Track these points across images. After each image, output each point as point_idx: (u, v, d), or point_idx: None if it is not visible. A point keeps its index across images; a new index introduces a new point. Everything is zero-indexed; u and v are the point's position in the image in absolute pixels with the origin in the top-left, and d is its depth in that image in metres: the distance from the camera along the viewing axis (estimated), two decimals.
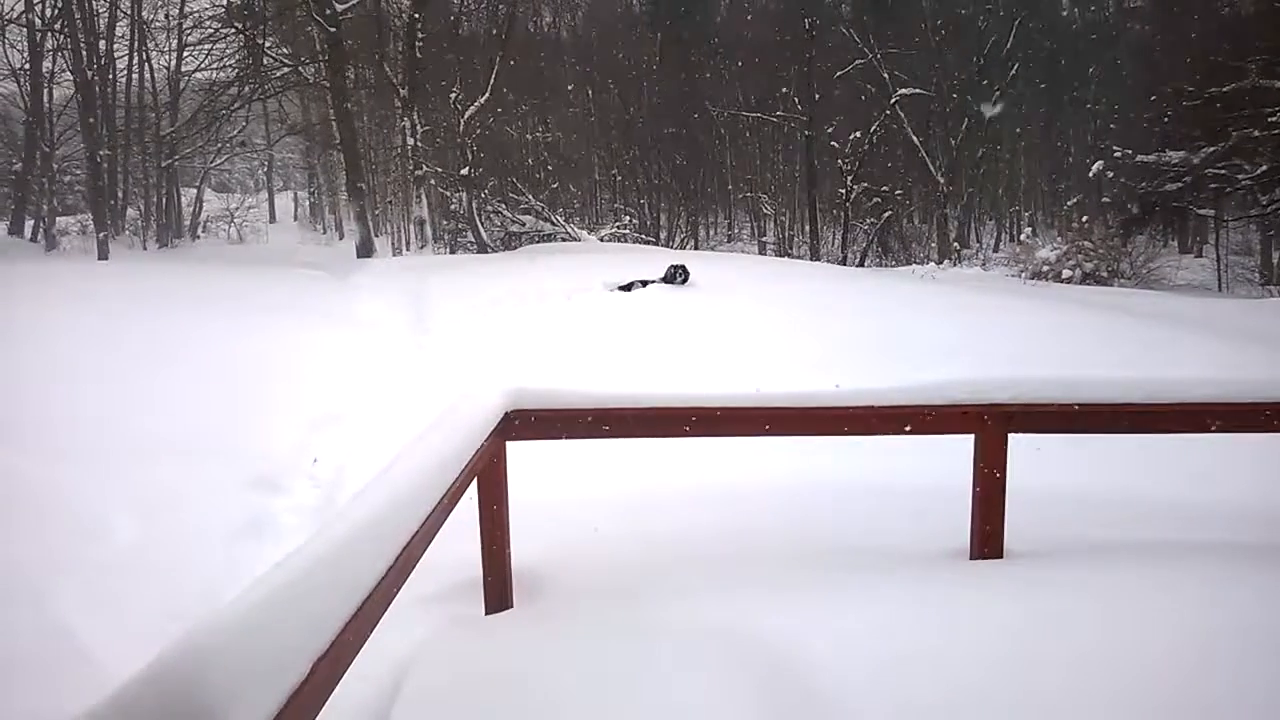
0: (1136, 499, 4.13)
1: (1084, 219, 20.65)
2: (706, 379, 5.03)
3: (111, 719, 1.24)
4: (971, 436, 3.44)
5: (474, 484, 3.28)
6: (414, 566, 2.33)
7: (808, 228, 30.30)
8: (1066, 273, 18.95)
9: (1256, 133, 19.30)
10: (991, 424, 3.40)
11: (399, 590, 2.19)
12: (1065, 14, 33.49)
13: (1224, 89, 19.10)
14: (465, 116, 21.30)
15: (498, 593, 3.45)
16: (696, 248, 29.05)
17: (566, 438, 3.53)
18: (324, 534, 1.91)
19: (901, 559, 3.56)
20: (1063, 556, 3.37)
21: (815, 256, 27.48)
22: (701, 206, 34.63)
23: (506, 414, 3.34)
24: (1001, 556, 3.43)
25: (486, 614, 3.44)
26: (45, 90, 25.56)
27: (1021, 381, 3.45)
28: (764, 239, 33.44)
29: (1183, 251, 28.34)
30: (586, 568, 3.68)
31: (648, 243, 24.56)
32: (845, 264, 24.71)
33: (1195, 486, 4.28)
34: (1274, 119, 19.20)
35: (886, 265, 26.54)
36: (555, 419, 3.41)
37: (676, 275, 9.45)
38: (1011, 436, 3.42)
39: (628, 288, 9.27)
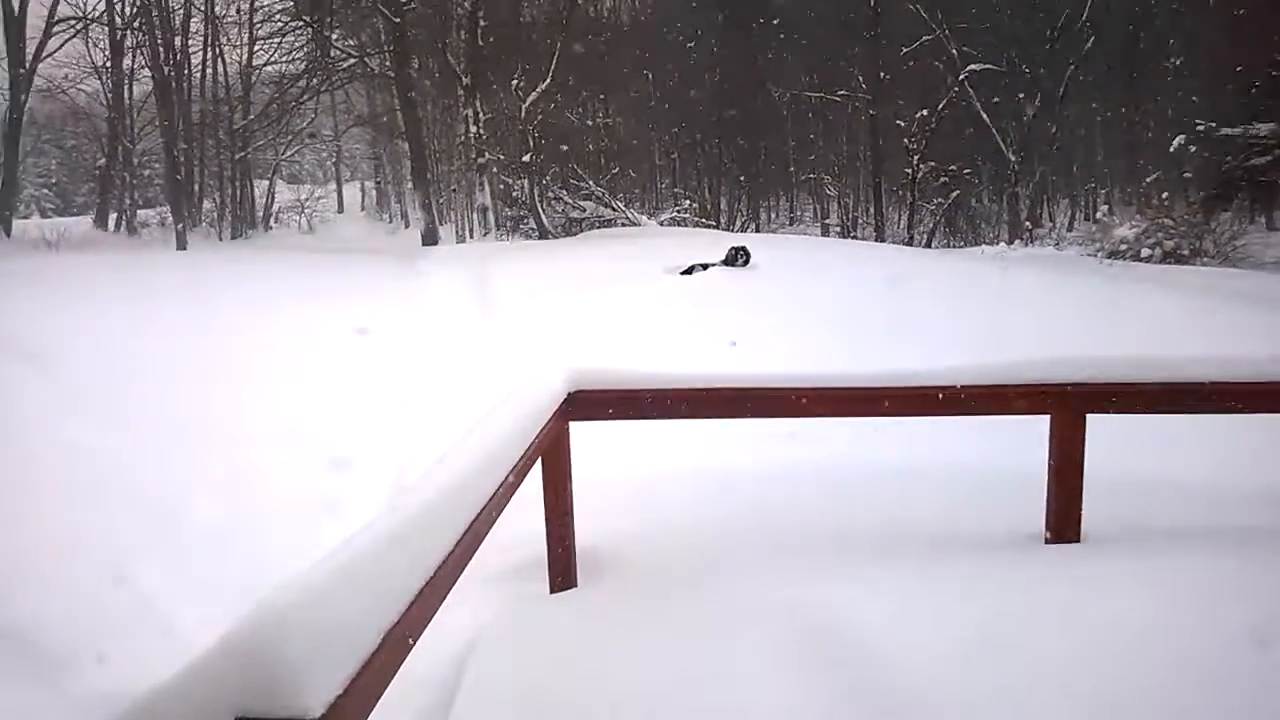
0: (1213, 485, 3.98)
1: (1164, 195, 19.91)
2: (770, 361, 4.96)
3: (190, 686, 1.28)
4: (1046, 418, 3.35)
5: (538, 464, 3.31)
6: (480, 543, 2.35)
7: (872, 209, 29.79)
8: (1146, 251, 18.30)
9: None
10: (1068, 404, 3.30)
11: (466, 566, 2.21)
12: None
13: None
14: (526, 104, 21.40)
15: (562, 571, 3.47)
16: (758, 231, 28.80)
17: (627, 418, 3.53)
18: (394, 510, 1.93)
19: (974, 543, 3.49)
20: (1141, 542, 3.27)
21: (880, 238, 27.01)
22: (762, 189, 34.29)
23: (569, 395, 3.35)
24: (1079, 541, 3.34)
25: (551, 592, 3.46)
26: (126, 87, 26.45)
27: (1099, 361, 3.35)
28: (827, 221, 33.01)
29: (1270, 229, 27.13)
30: (651, 546, 3.69)
31: (708, 227, 24.42)
32: (911, 245, 24.23)
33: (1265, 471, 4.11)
34: None
35: (954, 246, 26.00)
36: (616, 399, 3.42)
37: (738, 257, 9.37)
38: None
39: (688, 271, 9.23)
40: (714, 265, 9.36)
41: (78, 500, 4.51)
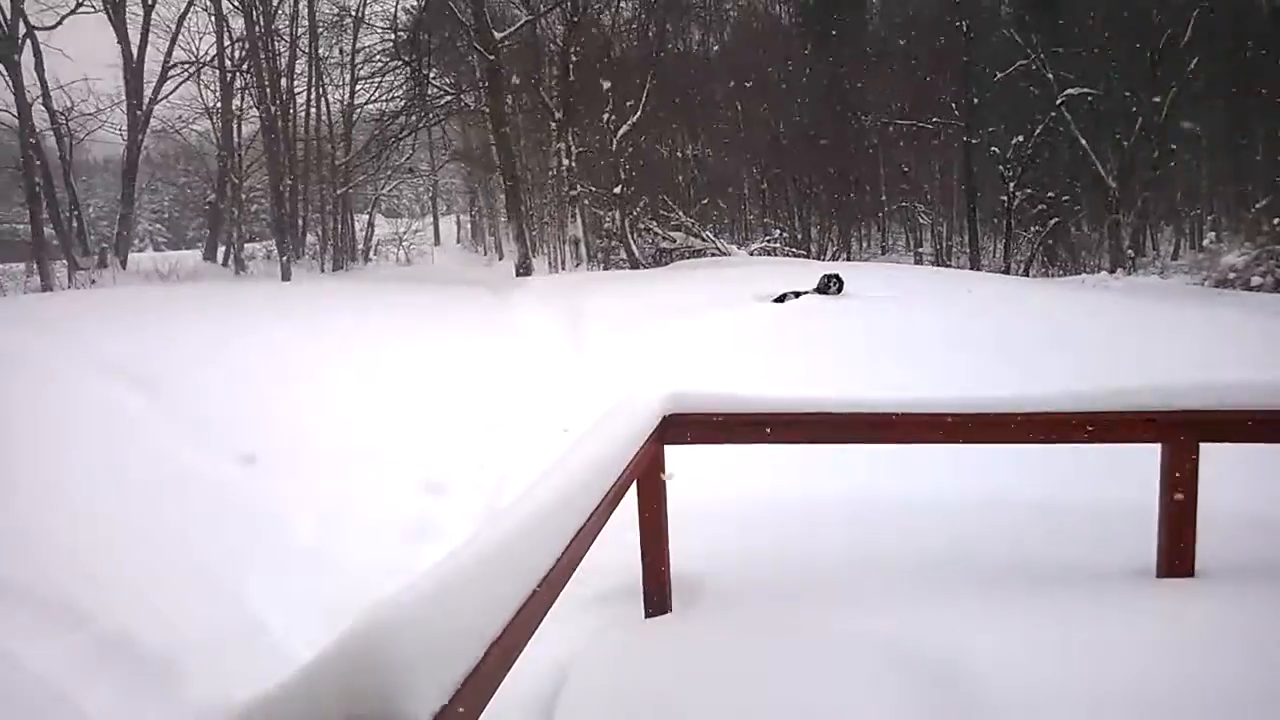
0: None
1: (1275, 222, 19.01)
2: (866, 387, 4.90)
3: (302, 689, 1.31)
4: (1158, 447, 3.21)
5: (634, 487, 3.32)
6: (578, 563, 2.37)
7: (966, 237, 29.18)
8: (1256, 280, 17.51)
9: None
10: (1181, 432, 3.16)
11: (564, 585, 2.23)
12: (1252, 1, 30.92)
13: None
14: (618, 136, 21.72)
15: (657, 596, 3.46)
16: (849, 260, 28.48)
17: (724, 442, 3.52)
18: (495, 525, 1.96)
19: (1081, 576, 3.35)
20: (1259, 577, 3.10)
21: (975, 266, 26.41)
22: (853, 218, 33.94)
23: (664, 417, 3.36)
24: (1193, 575, 3.18)
25: (646, 617, 3.45)
26: (235, 126, 27.84)
27: (1214, 386, 3.20)
28: (920, 250, 32.46)
29: None
30: (744, 573, 3.65)
31: (799, 256, 24.27)
32: (1009, 274, 23.62)
33: None
34: None
35: (1053, 275, 25.23)
36: (712, 423, 3.40)
37: (830, 285, 9.29)
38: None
39: (781, 299, 9.18)
40: (806, 293, 9.30)
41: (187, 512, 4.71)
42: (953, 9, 28.84)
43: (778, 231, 27.82)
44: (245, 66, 26.92)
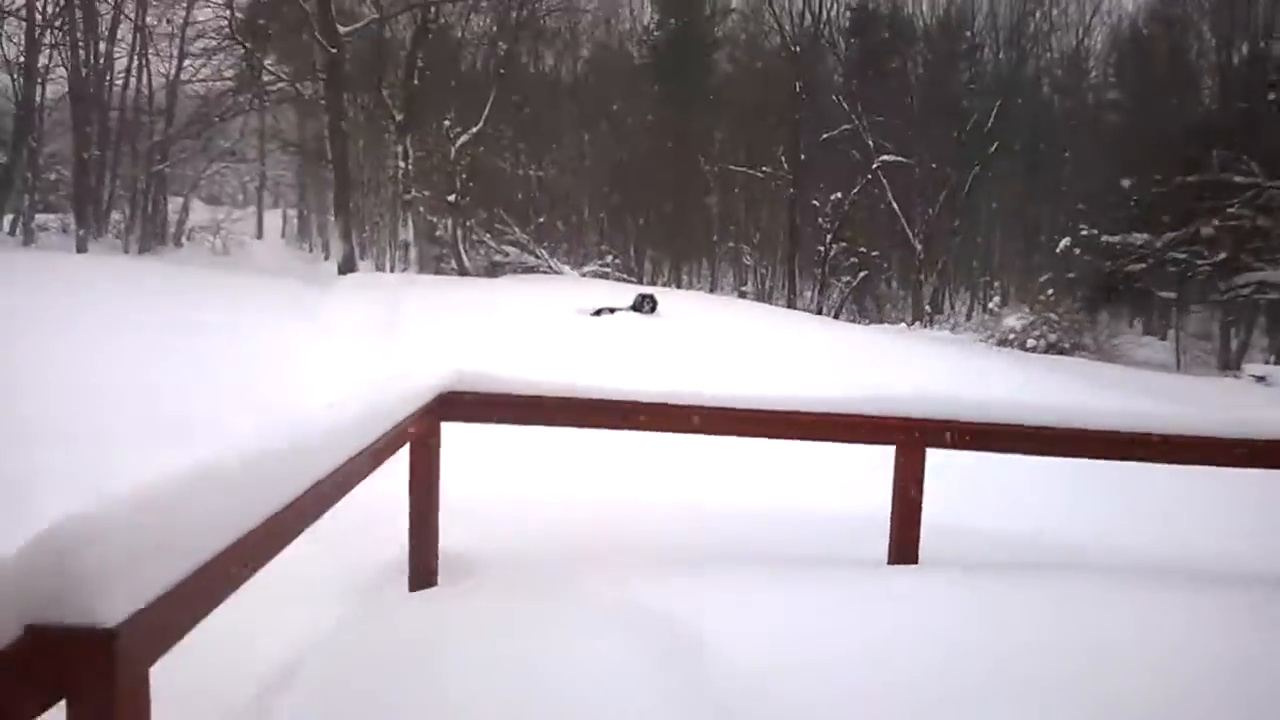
0: (1038, 529, 4.28)
1: (1050, 293, 21.17)
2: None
3: None
4: (892, 449, 3.57)
5: (407, 460, 3.37)
6: (327, 507, 2.37)
7: (786, 282, 30.76)
8: (1031, 342, 19.37)
9: (1217, 222, 20.04)
10: (913, 435, 3.52)
11: (308, 524, 2.22)
12: (1046, 100, 34.65)
13: (1189, 179, 19.93)
14: (456, 145, 21.59)
15: (423, 570, 3.50)
16: (679, 290, 29.37)
17: (498, 421, 3.61)
18: (233, 450, 1.94)
19: (819, 565, 3.66)
20: (971, 569, 3.49)
21: (791, 309, 27.81)
22: (686, 253, 35.04)
23: (441, 393, 3.42)
24: (917, 562, 3.54)
25: (410, 590, 3.48)
26: (39, 86, 25.65)
27: (940, 398, 3.59)
28: (744, 289, 33.85)
29: (1147, 332, 28.96)
30: (517, 555, 3.74)
31: (629, 282, 24.80)
32: (820, 317, 25.03)
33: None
34: (1232, 210, 19.94)
35: (860, 322, 26.93)
36: (488, 402, 3.49)
37: (644, 304, 9.63)
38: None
39: (597, 313, 9.42)
40: (621, 309, 9.59)
41: None
42: (791, 69, 30.57)
43: (611, 257, 28.33)
44: (58, 23, 24.94)
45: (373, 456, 2.75)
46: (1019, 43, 32.91)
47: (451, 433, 3.57)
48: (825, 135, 28.66)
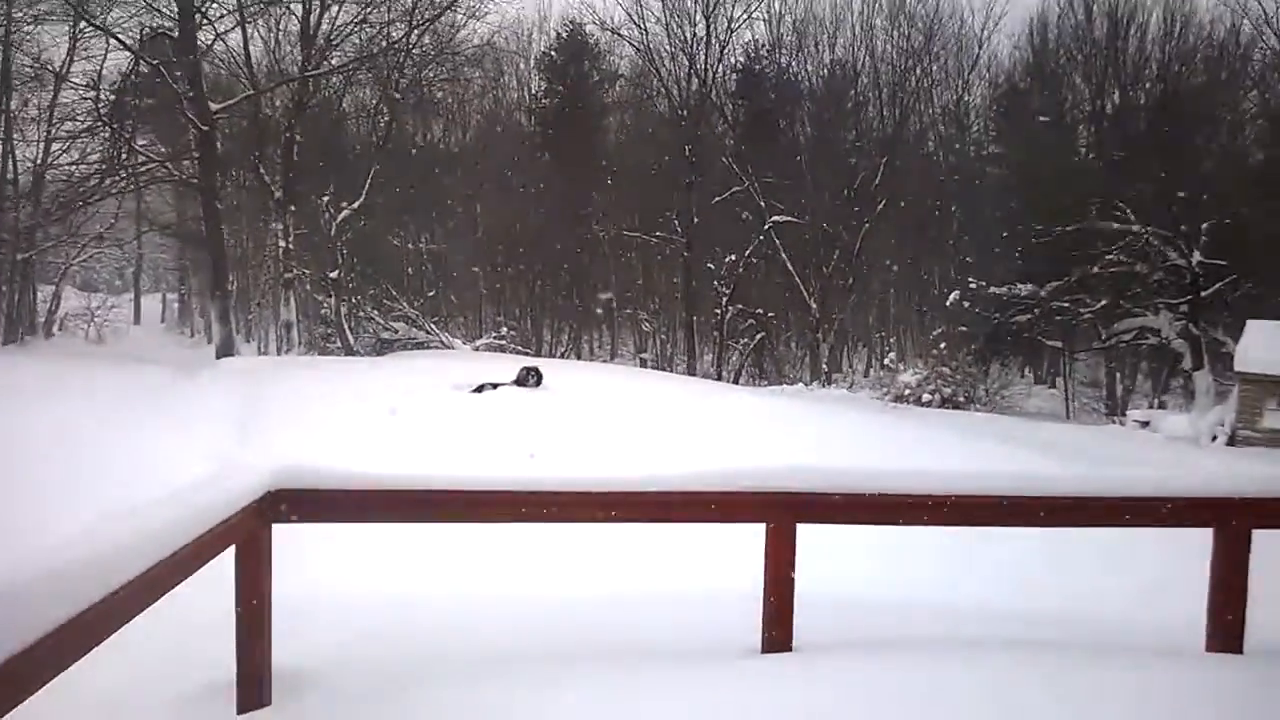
0: (912, 599, 4.15)
1: (942, 346, 21.71)
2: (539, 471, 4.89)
3: None
4: (763, 526, 3.38)
5: (231, 568, 3.03)
6: (116, 625, 2.08)
7: (685, 346, 30.91)
8: (926, 396, 19.76)
9: (1096, 269, 20.92)
10: (781, 512, 3.34)
11: (93, 643, 2.01)
12: (932, 156, 35.97)
13: (1068, 229, 20.69)
14: (337, 221, 21.15)
15: (254, 688, 3.12)
16: (579, 359, 29.16)
17: (335, 520, 3.30)
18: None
19: (694, 655, 3.42)
20: (845, 650, 3.31)
21: (692, 373, 27.89)
22: (584, 322, 34.97)
23: (271, 492, 3.10)
24: (790, 649, 3.33)
25: (239, 714, 3.11)
26: None
27: (808, 470, 3.42)
28: (644, 355, 33.89)
29: (1038, 382, 29.94)
30: (357, 665, 3.40)
31: (525, 354, 24.52)
32: (720, 380, 25.13)
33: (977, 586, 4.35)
34: (1110, 257, 20.88)
35: (759, 385, 27.15)
36: (321, 499, 3.17)
37: (529, 378, 9.37)
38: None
39: (478, 389, 9.12)
40: (505, 384, 9.31)
41: None
42: (680, 133, 31.17)
43: (505, 329, 28.04)
44: None
45: (179, 565, 2.44)
46: (901, 100, 34.21)
47: (282, 532, 3.24)
48: (716, 198, 29.14)
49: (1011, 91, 33.47)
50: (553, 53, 36.00)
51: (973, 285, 23.08)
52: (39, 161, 27.59)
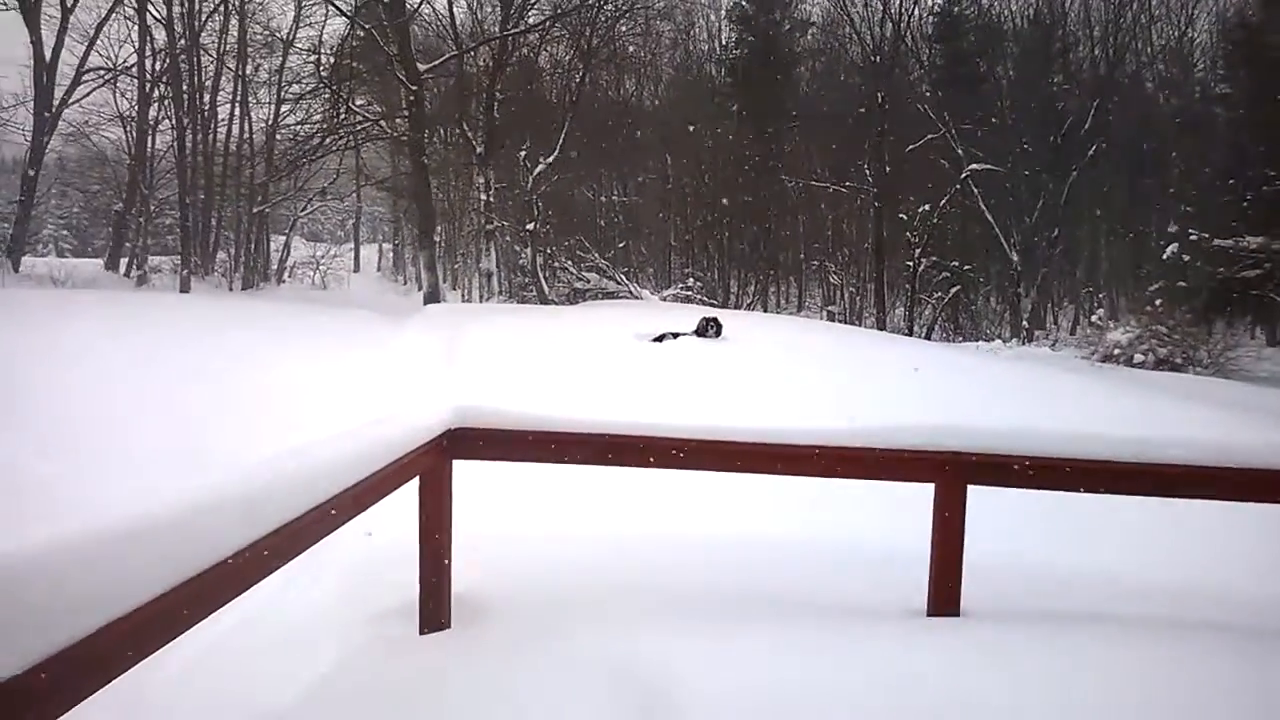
0: (1091, 570, 3.91)
1: (1158, 303, 19.98)
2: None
3: None
4: (931, 486, 3.29)
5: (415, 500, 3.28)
6: (300, 548, 2.31)
7: (875, 300, 30.00)
8: (1139, 357, 18.28)
9: None
10: (951, 473, 3.24)
11: (275, 567, 2.16)
12: (1150, 98, 32.88)
13: None
14: (533, 175, 21.87)
15: (434, 612, 3.39)
16: (765, 312, 28.94)
17: (509, 459, 3.48)
18: (182, 494, 1.90)
19: (855, 613, 3.40)
20: (1018, 620, 3.19)
21: (881, 328, 27.08)
22: (773, 274, 34.62)
23: (450, 430, 3.32)
24: (958, 614, 3.25)
25: (421, 633, 3.38)
26: (150, 137, 27.19)
27: (982, 431, 3.29)
28: (831, 308, 33.21)
29: (1271, 344, 27.00)
30: (527, 598, 3.61)
31: (710, 305, 24.62)
32: (910, 336, 24.28)
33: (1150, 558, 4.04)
34: None
35: (954, 341, 26.01)
36: (497, 438, 3.36)
37: (709, 328, 9.42)
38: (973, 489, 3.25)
39: (659, 339, 9.27)
40: (685, 334, 9.41)
41: None
42: (873, 80, 29.97)
43: (692, 280, 28.18)
44: (165, 80, 26.43)
45: (359, 498, 2.67)
46: (1116, 38, 31.40)
47: (463, 470, 3.46)
48: (910, 146, 27.91)
49: (1240, 26, 29.85)
50: (744, 2, 35.38)
51: (1193, 237, 21.04)
52: (270, 122, 30.20)
